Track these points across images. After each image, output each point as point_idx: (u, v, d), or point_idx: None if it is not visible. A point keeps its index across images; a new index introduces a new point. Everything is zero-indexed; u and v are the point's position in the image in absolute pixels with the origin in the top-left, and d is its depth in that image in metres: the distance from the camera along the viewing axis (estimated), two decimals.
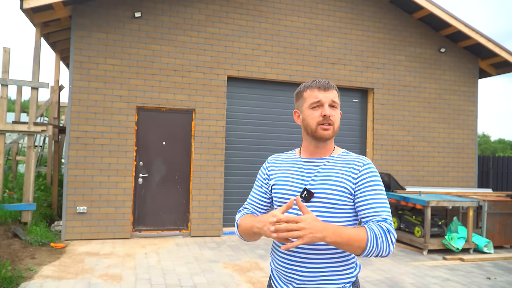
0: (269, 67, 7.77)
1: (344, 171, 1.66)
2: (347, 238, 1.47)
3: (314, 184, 1.67)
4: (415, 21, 8.78)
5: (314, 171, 1.71)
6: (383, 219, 1.56)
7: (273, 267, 1.78)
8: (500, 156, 10.49)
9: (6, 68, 6.65)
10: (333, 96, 1.69)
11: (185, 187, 7.36)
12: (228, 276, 5.13)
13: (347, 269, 1.67)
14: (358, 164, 1.67)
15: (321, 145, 1.73)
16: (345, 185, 1.63)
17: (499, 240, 7.11)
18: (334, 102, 1.69)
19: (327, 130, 1.67)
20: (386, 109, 8.52)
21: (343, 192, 1.63)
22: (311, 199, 1.65)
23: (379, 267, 5.78)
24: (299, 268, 1.64)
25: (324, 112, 1.66)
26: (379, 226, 1.53)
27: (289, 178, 1.74)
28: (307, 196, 1.65)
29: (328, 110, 1.66)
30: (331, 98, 1.68)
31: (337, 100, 1.71)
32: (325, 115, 1.65)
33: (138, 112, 7.13)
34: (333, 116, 1.68)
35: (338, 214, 1.64)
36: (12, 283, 4.42)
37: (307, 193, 1.66)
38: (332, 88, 1.71)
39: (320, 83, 1.71)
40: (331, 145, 1.76)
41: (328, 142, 1.73)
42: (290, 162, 1.81)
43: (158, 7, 7.17)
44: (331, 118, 1.66)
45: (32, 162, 6.71)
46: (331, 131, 1.68)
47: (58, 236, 6.79)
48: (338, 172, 1.66)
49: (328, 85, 1.70)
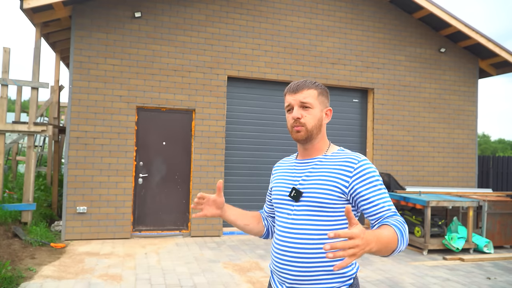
0: (269, 67, 7.77)
1: (336, 170, 1.63)
2: (386, 243, 1.37)
3: (304, 184, 1.67)
4: (415, 21, 8.78)
5: (305, 170, 1.71)
6: (394, 213, 1.55)
7: (270, 267, 1.79)
8: (500, 156, 10.48)
9: (6, 68, 6.65)
10: (303, 97, 1.67)
11: (185, 187, 7.36)
12: (228, 276, 5.13)
13: (343, 268, 1.59)
14: (351, 161, 1.62)
15: (307, 146, 1.73)
16: (337, 183, 1.60)
17: (499, 240, 7.11)
18: (305, 103, 1.67)
19: (299, 131, 1.67)
20: (386, 109, 8.52)
21: (334, 191, 1.60)
22: (300, 198, 1.65)
23: (379, 267, 5.78)
24: (290, 267, 1.63)
25: (293, 115, 1.69)
26: (398, 222, 1.48)
27: (282, 180, 1.78)
28: (295, 196, 1.66)
29: (297, 112, 1.67)
30: (299, 99, 1.67)
31: (310, 100, 1.67)
32: (293, 117, 1.68)
33: (138, 112, 7.13)
34: (304, 117, 1.66)
35: (327, 213, 1.61)
36: (12, 283, 4.42)
37: (295, 192, 1.66)
38: (305, 88, 1.68)
39: (292, 86, 1.72)
40: (320, 144, 1.73)
41: (313, 142, 1.71)
42: (288, 165, 1.84)
43: (158, 7, 7.17)
44: (301, 120, 1.66)
45: (32, 162, 6.71)
46: (303, 132, 1.67)
47: (58, 236, 6.79)
48: (330, 171, 1.64)
49: (299, 86, 1.69)
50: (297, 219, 1.65)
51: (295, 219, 1.66)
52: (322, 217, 1.62)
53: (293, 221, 1.66)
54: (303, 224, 1.63)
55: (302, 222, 1.63)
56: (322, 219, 1.62)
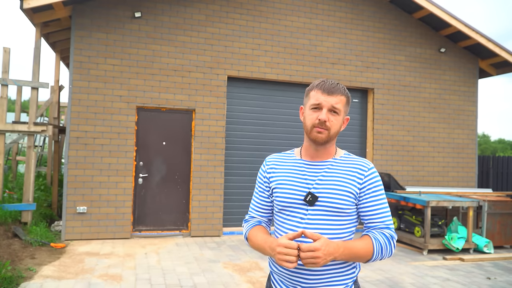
0: (269, 67, 7.77)
1: (349, 175, 1.66)
2: (355, 253, 1.57)
3: (318, 188, 1.65)
4: (415, 21, 8.78)
5: (318, 174, 1.69)
6: (386, 226, 1.67)
7: (273, 270, 1.76)
8: (500, 156, 10.49)
9: (6, 68, 6.65)
10: (335, 102, 1.64)
11: (185, 187, 7.36)
12: (228, 276, 5.13)
13: (350, 269, 1.70)
14: (362, 168, 1.68)
15: (320, 148, 1.70)
16: (350, 189, 1.64)
17: (499, 240, 7.11)
18: (335, 108, 1.64)
19: (321, 133, 1.64)
20: (386, 109, 8.52)
21: (348, 196, 1.64)
22: (315, 203, 1.64)
23: (379, 267, 5.78)
24: (305, 271, 1.63)
25: (320, 116, 1.63)
26: (383, 234, 1.64)
27: (292, 182, 1.70)
28: (311, 200, 1.64)
29: (325, 115, 1.62)
30: (332, 103, 1.63)
31: (340, 107, 1.65)
32: (320, 119, 1.62)
33: (138, 112, 7.13)
34: (330, 122, 1.64)
35: (341, 217, 1.65)
36: (12, 283, 4.42)
37: (311, 197, 1.64)
38: (338, 93, 1.65)
39: (326, 86, 1.66)
40: (332, 148, 1.73)
41: (327, 145, 1.70)
42: (291, 164, 1.76)
43: (158, 7, 7.17)
44: (327, 123, 1.63)
45: (32, 162, 6.71)
46: (325, 135, 1.64)
47: (58, 236, 6.79)
48: (343, 176, 1.66)
49: (334, 89, 1.65)
50: (311, 223, 1.64)
51: (309, 223, 1.64)
52: (336, 221, 1.65)
53: (307, 226, 1.64)
54: (317, 229, 1.63)
55: (317, 227, 1.63)
56: (335, 223, 1.65)
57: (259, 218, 1.86)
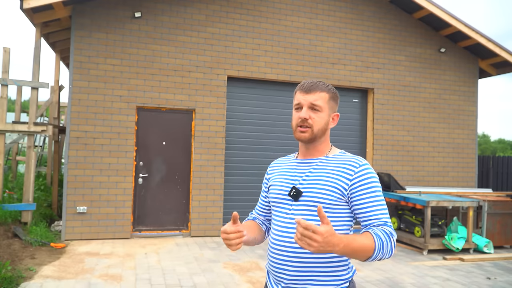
0: (269, 67, 7.77)
1: (337, 171, 1.64)
2: (356, 250, 1.45)
3: (304, 183, 1.66)
4: (415, 21, 8.78)
5: (306, 170, 1.71)
6: (384, 222, 1.57)
7: (267, 267, 1.78)
8: (500, 156, 10.49)
9: (6, 68, 6.65)
10: (314, 99, 1.67)
11: (185, 187, 7.36)
12: (228, 276, 5.13)
13: (339, 271, 1.63)
14: (353, 164, 1.64)
15: (309, 146, 1.73)
16: (337, 185, 1.61)
17: (499, 240, 7.11)
18: (315, 105, 1.67)
19: (304, 132, 1.67)
20: (386, 109, 8.52)
21: (334, 192, 1.61)
22: (300, 198, 1.65)
23: (379, 267, 5.78)
24: (286, 267, 1.63)
25: (300, 114, 1.67)
26: (383, 231, 1.53)
27: (282, 179, 1.76)
28: (295, 195, 1.65)
29: (305, 113, 1.66)
30: (310, 101, 1.67)
31: (320, 103, 1.67)
32: (300, 117, 1.66)
33: (138, 112, 7.13)
34: (312, 119, 1.66)
35: (327, 214, 1.60)
36: (12, 283, 4.42)
37: (295, 191, 1.65)
38: (317, 90, 1.68)
39: (304, 85, 1.70)
40: (323, 146, 1.74)
41: (316, 143, 1.72)
42: (287, 164, 1.82)
43: (158, 7, 7.17)
44: (308, 121, 1.66)
45: (32, 162, 6.71)
46: (309, 133, 1.67)
47: (58, 236, 6.79)
48: (330, 172, 1.65)
49: (312, 87, 1.68)
50: (295, 218, 1.63)
51: (293, 218, 1.65)
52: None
53: (291, 220, 1.65)
54: None
55: None
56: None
57: (257, 216, 1.96)
